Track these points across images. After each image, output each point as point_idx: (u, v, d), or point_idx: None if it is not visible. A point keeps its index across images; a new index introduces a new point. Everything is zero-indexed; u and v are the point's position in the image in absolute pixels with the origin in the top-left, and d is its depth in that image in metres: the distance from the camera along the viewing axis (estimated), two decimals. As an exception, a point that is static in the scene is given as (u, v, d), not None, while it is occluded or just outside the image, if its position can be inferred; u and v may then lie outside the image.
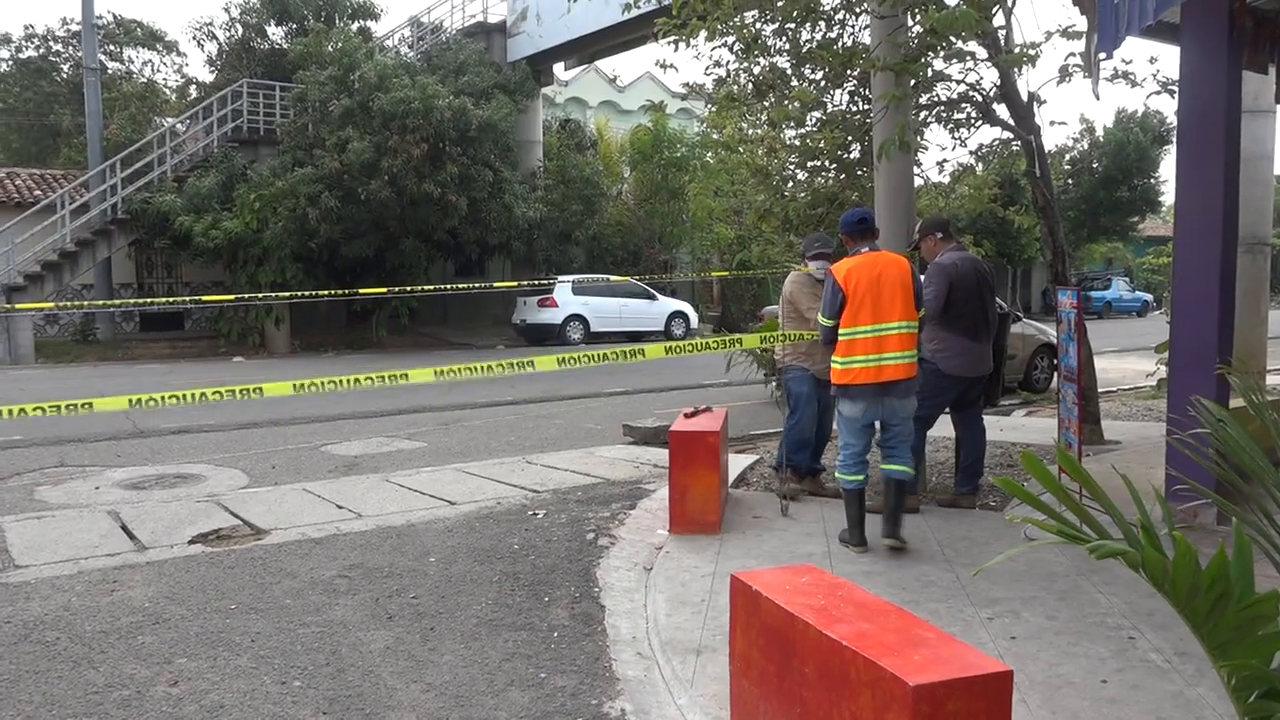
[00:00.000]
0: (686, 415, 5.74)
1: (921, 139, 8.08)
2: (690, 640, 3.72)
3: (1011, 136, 7.94)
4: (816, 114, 8.13)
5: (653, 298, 22.91)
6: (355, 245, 19.82)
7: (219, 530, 5.43)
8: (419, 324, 22.90)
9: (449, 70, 21.30)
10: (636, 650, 3.70)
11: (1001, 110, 7.59)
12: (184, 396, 4.74)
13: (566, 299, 21.43)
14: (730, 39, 7.84)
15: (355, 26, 24.54)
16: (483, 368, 5.10)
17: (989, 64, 7.19)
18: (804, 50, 7.70)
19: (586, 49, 23.69)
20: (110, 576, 4.61)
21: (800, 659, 2.47)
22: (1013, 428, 8.57)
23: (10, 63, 30.87)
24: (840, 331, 4.81)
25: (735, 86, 8.54)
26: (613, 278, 21.47)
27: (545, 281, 20.91)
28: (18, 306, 14.30)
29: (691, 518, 5.18)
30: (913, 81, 6.71)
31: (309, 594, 4.35)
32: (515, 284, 19.72)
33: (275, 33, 25.38)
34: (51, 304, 17.68)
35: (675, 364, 14.70)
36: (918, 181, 8.07)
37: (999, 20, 7.02)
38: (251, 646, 3.73)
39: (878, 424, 4.89)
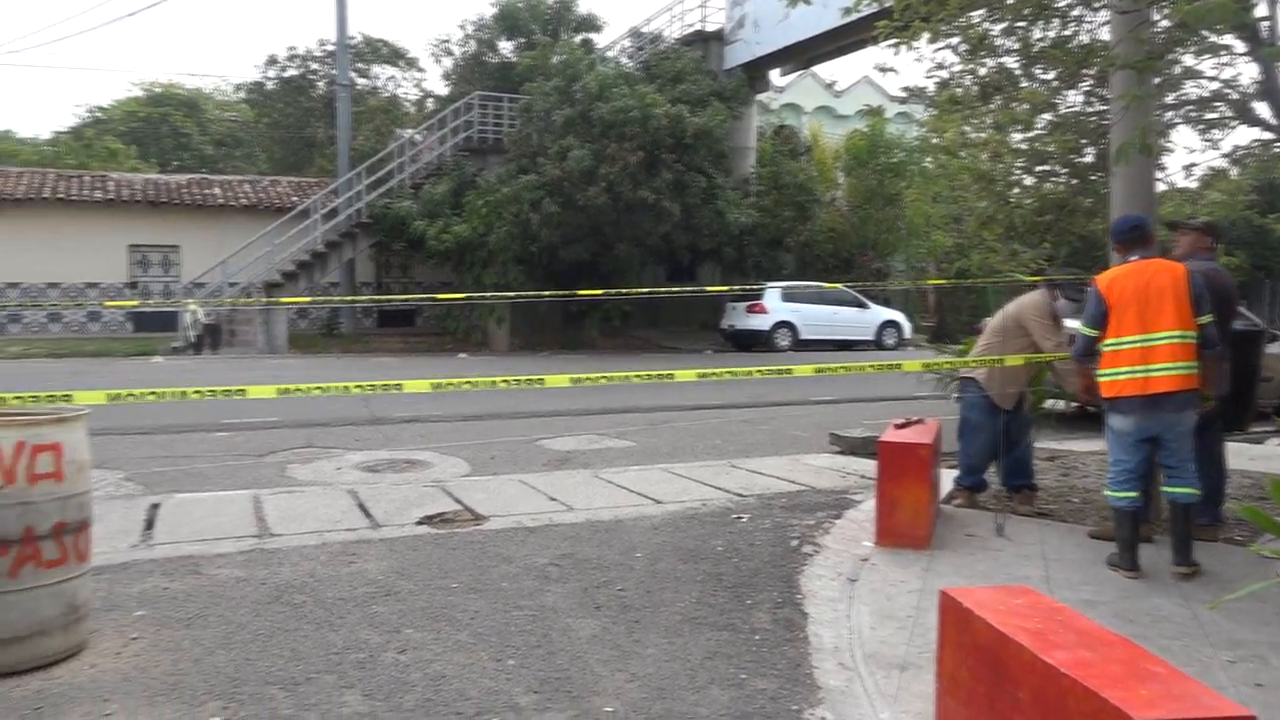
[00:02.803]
0: (897, 426, 5.62)
1: (1165, 141, 7.51)
2: (895, 655, 3.64)
3: (1273, 137, 7.23)
4: (1047, 116, 7.71)
5: (864, 306, 22.42)
6: (573, 249, 20.56)
7: (443, 513, 5.80)
8: (631, 326, 23.46)
9: (666, 79, 21.73)
10: (839, 660, 3.66)
11: (1262, 109, 6.92)
12: (325, 388, 4.99)
13: (776, 306, 21.35)
14: (955, 40, 7.58)
15: (579, 39, 25.48)
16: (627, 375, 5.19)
17: (1248, 59, 6.59)
18: (1035, 49, 7.32)
19: (803, 54, 23.51)
20: (349, 549, 5.03)
21: (1013, 683, 2.38)
22: (1264, 457, 7.81)
23: (275, 81, 34.11)
24: (1105, 343, 4.60)
25: (959, 89, 8.24)
26: (824, 285, 21.20)
27: (755, 287, 20.91)
28: (280, 300, 15.87)
29: (899, 531, 5.05)
30: (1157, 80, 6.25)
31: (523, 579, 4.58)
32: (726, 289, 19.85)
33: (505, 47, 26.77)
34: (307, 299, 19.46)
35: (885, 374, 14.32)
36: (1160, 187, 7.51)
37: (1260, 10, 6.41)
38: (471, 624, 3.97)
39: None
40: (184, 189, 24.65)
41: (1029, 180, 8.47)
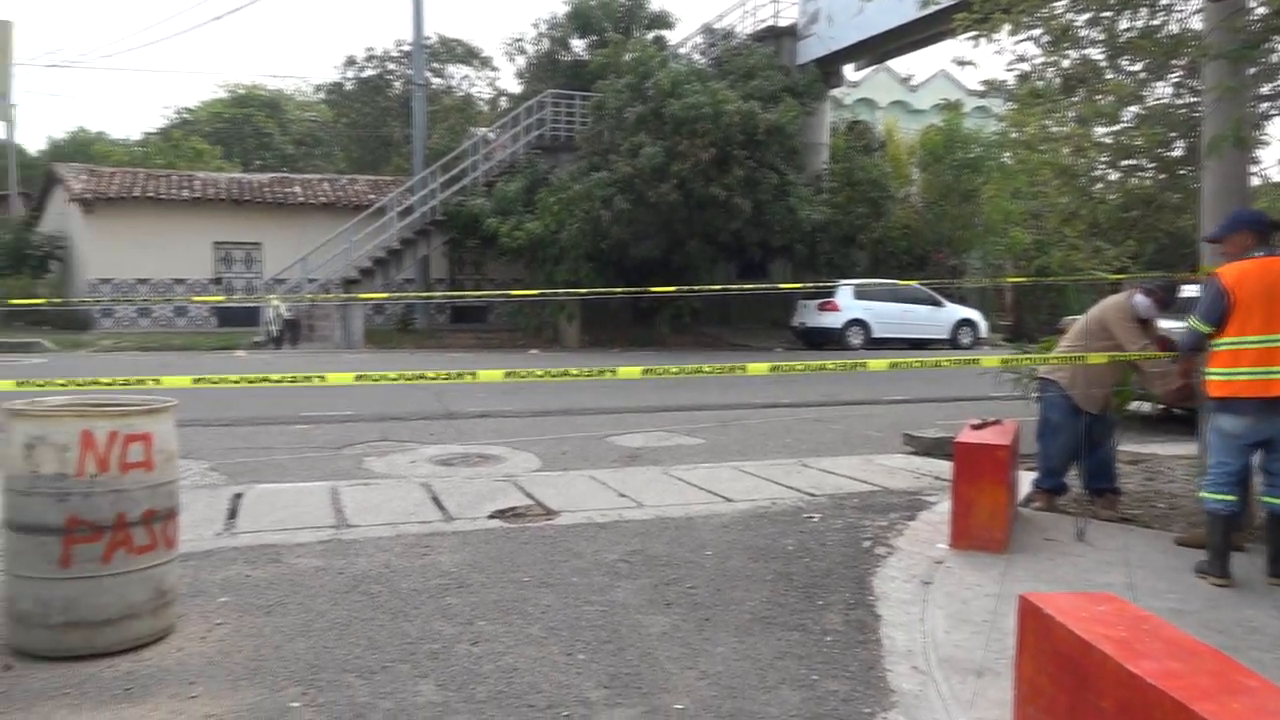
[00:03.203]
0: (974, 427, 5.50)
1: (1260, 134, 7.21)
2: (971, 660, 3.57)
3: (1377, 129, 6.90)
4: (1134, 109, 7.47)
5: (939, 304, 22.02)
6: (643, 246, 20.58)
7: (515, 508, 5.86)
8: (701, 324, 23.41)
9: (738, 75, 21.62)
10: (912, 664, 3.60)
11: (1368, 99, 6.61)
12: (401, 376, 5.00)
13: (848, 303, 21.09)
14: (1037, 31, 7.38)
15: (651, 36, 25.51)
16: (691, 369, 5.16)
17: (1351, 46, 6.29)
18: (1121, 40, 7.10)
19: (878, 49, 23.17)
20: (423, 541, 5.11)
21: (1096, 693, 2.32)
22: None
23: (353, 81, 34.86)
24: (1223, 341, 4.44)
25: (1040, 82, 8.04)
26: (898, 282, 20.88)
27: (827, 285, 20.69)
28: (358, 296, 16.25)
29: (975, 534, 4.95)
30: (1252, 70, 6.01)
31: (594, 574, 4.60)
32: (800, 286, 19.68)
33: (577, 45, 26.92)
34: (383, 295, 19.87)
35: (960, 373, 14.06)
36: (1254, 181, 7.22)
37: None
38: (542, 617, 4.01)
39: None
40: (266, 188, 25.33)
41: (1114, 175, 8.23)
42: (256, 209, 24.28)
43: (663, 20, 26.73)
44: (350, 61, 34.86)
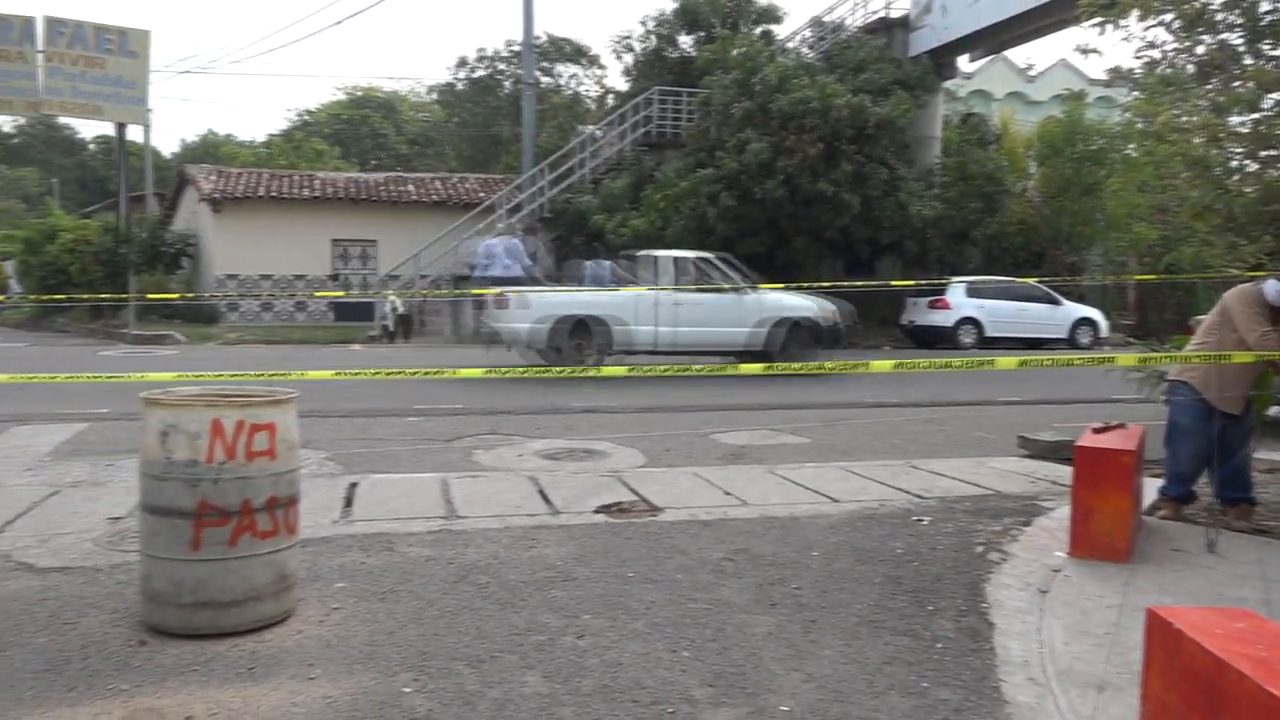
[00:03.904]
0: (1095, 430, 5.28)
1: None
2: (1091, 674, 3.42)
3: None
4: (1275, 95, 7.05)
5: (1056, 302, 21.21)
6: (748, 243, 20.42)
7: (620, 503, 5.90)
8: (806, 321, 23.10)
9: (848, 68, 21.28)
10: (1028, 675, 3.48)
11: None
12: (527, 372, 5.13)
13: (960, 301, 20.51)
14: (1168, 16, 7.04)
15: (759, 31, 25.31)
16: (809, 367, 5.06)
17: None
18: (1263, 23, 6.71)
19: (995, 38, 22.46)
20: (529, 534, 5.19)
21: (1232, 715, 2.19)
22: None
23: (465, 82, 35.64)
24: None
25: (1171, 69, 7.65)
26: (1013, 280, 20.21)
27: (938, 282, 20.16)
28: (471, 292, 16.70)
29: (1096, 542, 4.75)
30: None
31: (698, 572, 4.59)
32: (913, 283, 19.23)
33: (685, 41, 26.91)
34: (494, 290, 20.33)
35: (1078, 374, 13.53)
36: None
37: None
38: (646, 613, 4.02)
39: None
40: (381, 186, 26.12)
41: (1252, 166, 7.78)
42: (372, 207, 25.06)
43: (771, 14, 26.50)
44: (462, 62, 35.68)
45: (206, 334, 20.90)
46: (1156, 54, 7.75)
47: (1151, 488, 5.79)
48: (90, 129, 52.66)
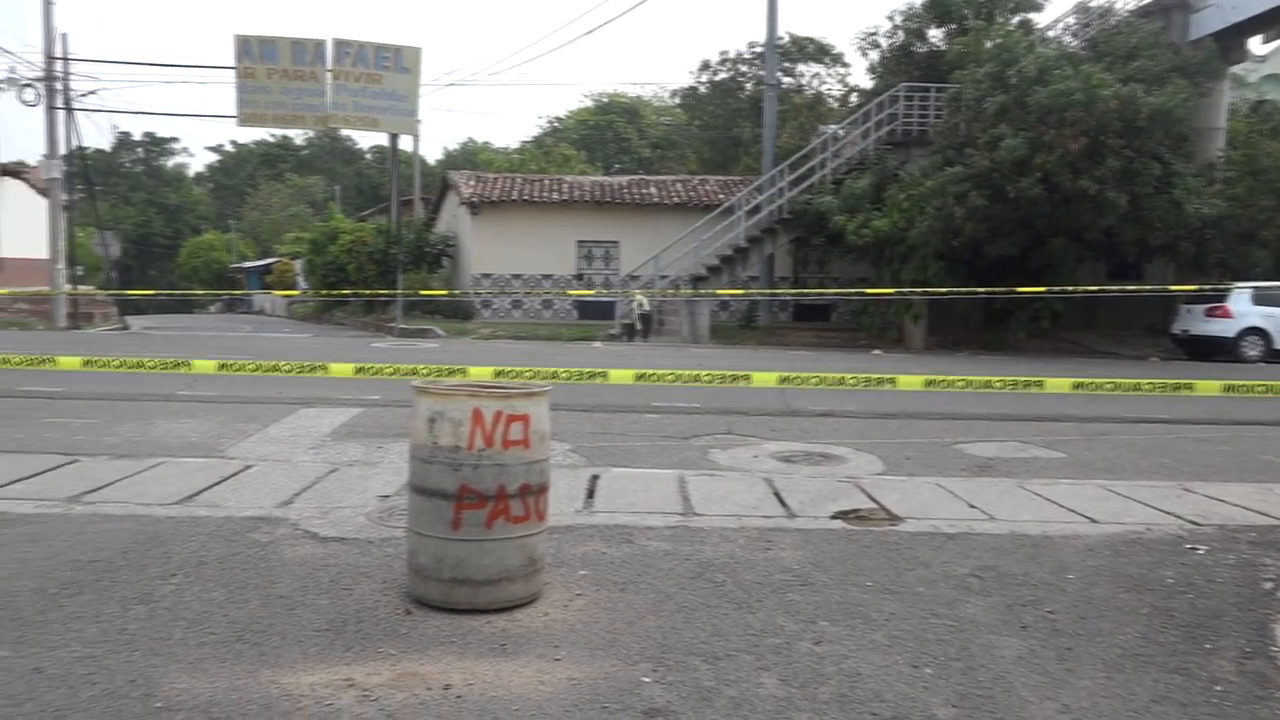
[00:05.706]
0: None
1: None
2: None
3: None
4: None
5: (1362, 313, 18.72)
6: (998, 244, 19.42)
7: (858, 510, 5.76)
8: (1061, 328, 21.68)
9: (1117, 56, 19.73)
10: (1328, 731, 3.09)
11: None
12: (677, 375, 5.05)
13: (1244, 309, 18.53)
14: None
15: (1015, 20, 23.99)
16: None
17: None
18: None
19: (1295, 16, 20.11)
20: (765, 535, 5.18)
21: None
22: None
23: (706, 85, 36.08)
24: None
25: None
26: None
27: (1219, 287, 18.29)
28: (716, 292, 17.00)
29: None
30: None
31: (941, 586, 4.41)
32: (1183, 289, 17.58)
33: (934, 35, 25.96)
34: (740, 291, 20.53)
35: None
36: None
37: None
38: (885, 625, 3.91)
39: None
40: (624, 189, 26.96)
41: None
42: (615, 209, 25.92)
43: (1029, 2, 25.05)
44: (704, 65, 36.15)
45: (463, 329, 22.39)
46: None
47: None
48: (367, 140, 57.80)
